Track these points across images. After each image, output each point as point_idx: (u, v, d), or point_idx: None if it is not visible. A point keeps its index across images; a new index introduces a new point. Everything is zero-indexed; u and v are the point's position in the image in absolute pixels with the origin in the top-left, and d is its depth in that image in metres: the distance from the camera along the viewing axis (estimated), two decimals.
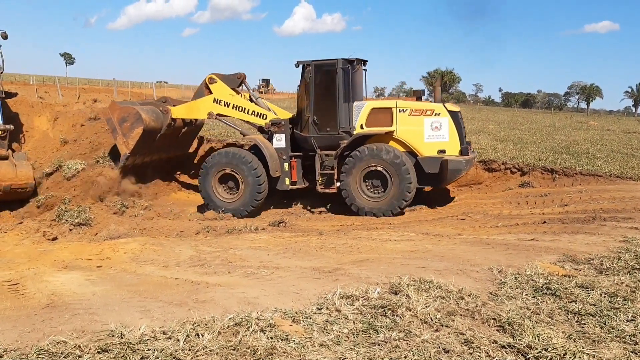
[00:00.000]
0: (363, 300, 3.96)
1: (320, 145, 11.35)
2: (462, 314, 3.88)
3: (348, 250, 6.63)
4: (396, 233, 7.94)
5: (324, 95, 11.43)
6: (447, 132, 11.21)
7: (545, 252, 5.96)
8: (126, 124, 11.62)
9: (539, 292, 4.39)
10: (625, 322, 3.80)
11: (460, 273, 4.94)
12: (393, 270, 4.99)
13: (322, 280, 4.68)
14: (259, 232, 9.12)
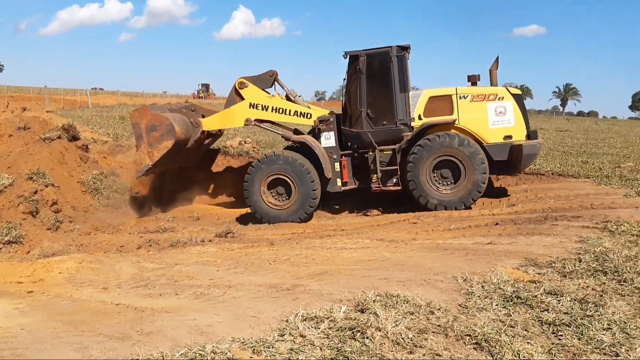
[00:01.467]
0: (329, 321, 3.63)
1: (377, 141, 10.48)
2: (435, 331, 3.62)
3: (303, 261, 6.28)
4: (350, 240, 7.66)
5: (377, 86, 10.58)
6: (512, 117, 10.57)
7: (505, 256, 5.83)
8: (155, 134, 10.56)
9: (509, 302, 4.20)
10: (602, 332, 3.64)
11: (424, 284, 4.70)
12: (355, 283, 4.68)
13: (281, 299, 4.31)
14: (206, 244, 8.61)
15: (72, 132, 12.64)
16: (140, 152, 10.70)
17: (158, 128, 10.53)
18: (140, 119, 10.65)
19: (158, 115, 10.73)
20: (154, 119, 10.62)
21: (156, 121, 10.60)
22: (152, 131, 10.53)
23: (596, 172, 12.82)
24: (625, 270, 5.04)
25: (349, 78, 10.95)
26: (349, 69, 10.87)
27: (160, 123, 10.58)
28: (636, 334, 3.67)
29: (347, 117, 11.02)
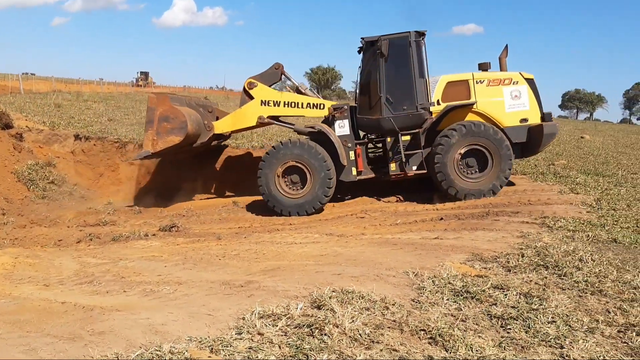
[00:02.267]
0: (286, 318, 3.62)
1: (399, 127, 10.42)
2: (390, 326, 3.67)
3: (254, 257, 6.22)
4: (300, 235, 7.66)
5: (397, 71, 10.48)
6: (527, 100, 10.78)
7: (452, 251, 5.99)
8: (166, 125, 10.23)
9: (459, 297, 4.32)
10: (547, 325, 3.81)
11: (377, 279, 4.76)
12: (309, 279, 4.69)
13: (235, 296, 4.26)
14: (150, 239, 8.39)
15: (4, 120, 12.04)
16: (145, 137, 10.39)
17: (171, 121, 10.29)
18: (157, 105, 10.36)
19: (176, 108, 10.43)
20: (170, 110, 10.36)
21: (171, 113, 10.34)
22: (165, 121, 10.27)
23: (532, 169, 13.37)
24: (565, 264, 5.29)
25: (365, 64, 10.86)
26: (365, 55, 10.79)
27: (175, 117, 10.30)
28: (578, 326, 3.86)
29: (364, 104, 10.94)
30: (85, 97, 26.60)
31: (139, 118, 18.11)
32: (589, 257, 5.56)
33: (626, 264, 5.50)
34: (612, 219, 7.70)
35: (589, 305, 4.36)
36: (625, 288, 4.75)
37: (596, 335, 3.76)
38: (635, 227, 7.26)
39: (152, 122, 10.29)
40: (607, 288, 4.72)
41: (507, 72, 11.01)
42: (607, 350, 3.53)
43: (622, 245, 6.32)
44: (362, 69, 10.99)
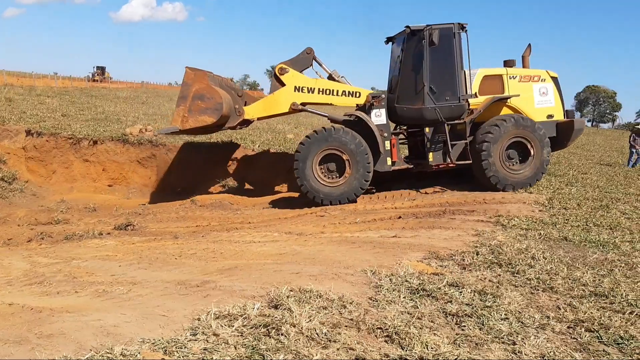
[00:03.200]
0: (242, 319, 3.57)
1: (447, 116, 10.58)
2: (347, 325, 3.68)
3: (211, 256, 6.14)
4: (259, 234, 7.61)
5: (440, 61, 10.60)
6: (552, 97, 11.32)
7: (409, 249, 6.05)
8: (200, 104, 9.96)
9: (416, 295, 4.37)
10: (501, 321, 3.89)
11: (335, 277, 4.76)
12: (267, 278, 4.65)
13: (191, 296, 4.18)
14: (104, 238, 8.21)
15: None
16: (176, 112, 10.07)
17: (206, 100, 9.99)
18: (194, 81, 10.11)
19: (213, 88, 10.14)
20: (207, 89, 10.07)
21: (207, 92, 10.04)
22: (199, 100, 9.98)
23: None
24: (517, 262, 5.42)
25: (407, 53, 10.81)
26: (407, 44, 10.77)
27: (211, 97, 10.03)
28: (529, 322, 3.96)
29: (403, 94, 10.88)
30: (38, 92, 25.75)
31: (94, 114, 17.66)
32: (541, 255, 5.72)
33: (576, 262, 5.67)
34: (563, 217, 7.94)
35: (540, 302, 4.48)
36: (574, 285, 4.90)
37: (547, 332, 3.86)
38: (585, 226, 7.50)
39: (185, 98, 10.02)
40: (558, 285, 4.86)
41: (536, 70, 11.53)
42: (557, 346, 3.63)
43: (572, 243, 6.52)
44: (403, 58, 10.90)
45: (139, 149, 13.13)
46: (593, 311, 4.25)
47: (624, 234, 7.15)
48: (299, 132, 17.94)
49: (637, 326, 4.05)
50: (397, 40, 11.44)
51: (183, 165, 13.19)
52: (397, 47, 11.38)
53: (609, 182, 12.59)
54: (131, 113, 18.86)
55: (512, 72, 11.26)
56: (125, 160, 13.10)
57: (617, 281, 5.06)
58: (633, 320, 4.14)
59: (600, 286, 4.88)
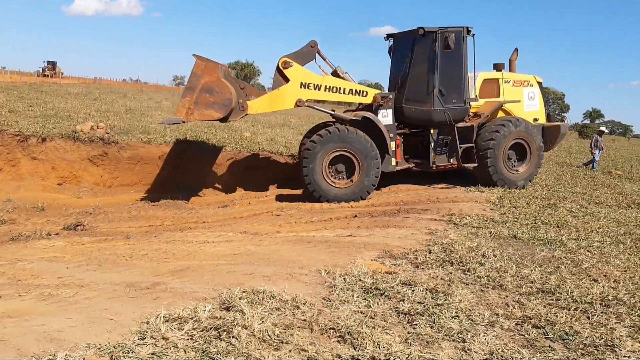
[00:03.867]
0: (193, 322, 3.50)
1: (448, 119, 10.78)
2: (300, 325, 3.66)
3: (163, 257, 6.01)
4: (213, 233, 7.50)
5: (450, 64, 10.75)
6: (538, 102, 12.07)
7: (364, 248, 6.08)
8: (208, 97, 9.51)
9: (369, 294, 4.39)
10: (451, 319, 3.95)
11: (290, 278, 4.74)
12: (220, 280, 4.58)
13: (140, 299, 4.08)
14: (53, 238, 7.92)
15: None
16: (180, 103, 9.56)
17: (215, 94, 9.62)
18: (204, 73, 9.65)
19: (223, 82, 9.71)
20: (217, 82, 9.68)
21: (217, 86, 9.65)
22: (207, 93, 9.59)
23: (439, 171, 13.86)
24: (468, 260, 5.52)
25: (419, 54, 10.92)
26: (419, 45, 10.85)
27: (220, 91, 9.60)
28: (479, 320, 4.04)
29: (412, 95, 10.93)
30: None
31: (43, 110, 17.02)
32: (491, 253, 5.85)
33: (524, 259, 5.83)
34: (513, 216, 8.15)
35: (490, 299, 4.57)
36: (523, 282, 5.03)
37: (496, 329, 3.94)
38: (533, 224, 7.72)
39: (193, 90, 9.60)
40: (507, 282, 4.98)
41: (526, 75, 12.16)
42: (505, 343, 3.71)
43: (521, 241, 6.70)
44: (414, 59, 10.99)
45: (90, 146, 12.73)
46: (540, 308, 4.37)
47: (570, 232, 7.39)
48: (256, 131, 17.82)
49: (582, 322, 4.18)
50: (403, 39, 11.52)
51: (136, 163, 12.89)
52: (403, 47, 11.45)
53: (556, 181, 13.03)
54: (82, 110, 18.28)
55: (506, 77, 11.83)
56: (75, 159, 12.67)
57: (563, 278, 5.22)
58: (578, 317, 4.28)
59: (547, 283, 5.02)
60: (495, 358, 3.46)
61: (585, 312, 4.38)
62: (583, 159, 20.55)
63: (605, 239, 7.18)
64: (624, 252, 6.58)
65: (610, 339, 3.87)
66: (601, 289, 4.97)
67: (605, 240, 7.08)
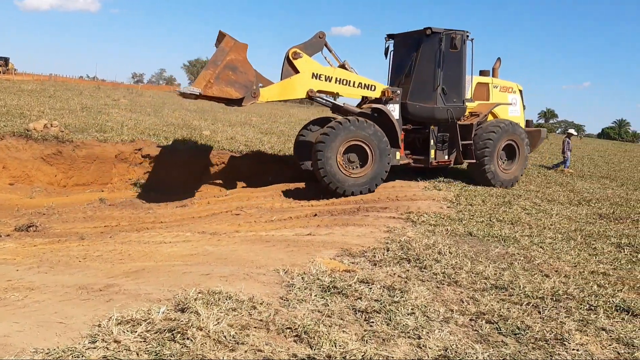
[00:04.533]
0: (146, 324, 3.44)
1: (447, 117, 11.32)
2: (256, 326, 3.64)
3: (118, 258, 5.88)
4: (170, 234, 7.38)
5: (452, 65, 11.34)
6: (519, 108, 13.06)
7: (323, 247, 6.09)
8: (230, 74, 9.43)
9: (327, 292, 4.39)
10: (407, 316, 4.00)
11: (247, 278, 4.70)
12: (175, 281, 4.51)
13: (93, 301, 3.98)
14: (3, 240, 7.64)
15: None
16: (201, 75, 9.29)
17: (238, 73, 9.58)
18: (231, 50, 9.59)
19: (249, 64, 9.81)
20: (243, 62, 9.69)
21: (242, 66, 9.65)
22: (231, 70, 9.51)
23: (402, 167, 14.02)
24: (425, 257, 5.60)
25: (423, 53, 11.36)
26: (425, 45, 11.32)
27: (244, 71, 9.67)
28: (434, 316, 4.10)
29: (416, 91, 11.38)
30: None
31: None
32: (447, 250, 5.95)
33: (479, 256, 5.95)
34: (469, 213, 8.31)
35: (445, 296, 4.65)
36: (477, 278, 5.14)
37: (450, 325, 4.01)
38: (488, 221, 7.89)
39: (216, 64, 9.44)
40: (462, 279, 5.07)
41: (510, 82, 13.05)
42: (459, 338, 3.78)
43: (476, 238, 6.83)
44: (419, 57, 11.43)
45: (44, 145, 12.33)
46: (493, 303, 4.48)
47: (523, 229, 7.59)
48: (216, 129, 17.64)
49: (533, 317, 4.31)
50: (407, 39, 11.91)
51: (92, 162, 12.57)
52: (407, 46, 11.87)
53: None
54: (36, 107, 17.72)
55: (495, 82, 12.71)
56: (28, 158, 12.26)
57: (516, 274, 5.36)
58: (529, 311, 4.40)
59: (500, 279, 5.14)
60: (450, 354, 3.52)
61: (537, 307, 4.51)
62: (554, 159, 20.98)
63: (557, 235, 7.40)
64: (574, 247, 6.80)
65: (560, 333, 4.00)
66: (552, 284, 5.13)
67: (557, 237, 7.30)
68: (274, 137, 17.61)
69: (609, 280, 5.49)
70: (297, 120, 29.62)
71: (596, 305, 4.63)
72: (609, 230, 8.07)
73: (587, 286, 5.18)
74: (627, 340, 3.99)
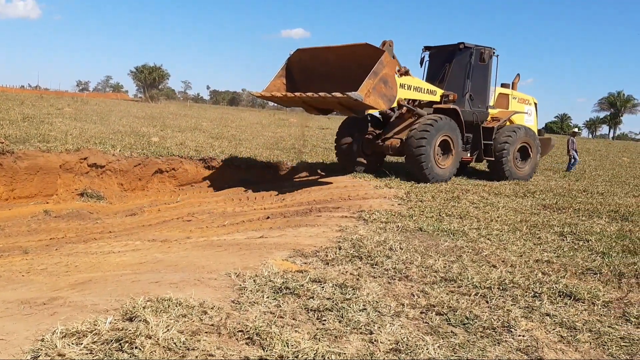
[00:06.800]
0: (92, 335, 3.34)
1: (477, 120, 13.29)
2: (208, 331, 3.59)
3: (64, 270, 5.70)
4: (119, 243, 7.21)
5: (479, 75, 13.27)
6: (533, 118, 15.08)
7: (275, 248, 6.07)
8: (382, 87, 10.51)
9: (279, 293, 4.38)
10: (359, 313, 4.03)
11: (198, 283, 4.64)
12: (123, 290, 4.40)
13: (36, 316, 3.83)
14: None
15: None
16: (364, 83, 10.18)
17: (388, 88, 10.66)
18: (386, 65, 10.63)
19: (395, 81, 10.99)
20: (393, 78, 10.85)
21: (391, 81, 10.77)
22: (383, 83, 10.55)
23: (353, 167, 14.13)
24: (376, 254, 5.67)
25: (455, 64, 13.28)
26: (457, 57, 13.26)
27: (392, 86, 10.80)
28: (386, 311, 4.15)
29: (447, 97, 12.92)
30: None
31: None
32: (398, 246, 6.04)
33: (429, 250, 6.07)
34: (419, 209, 8.46)
35: (396, 290, 4.72)
36: (427, 272, 5.23)
37: (402, 319, 4.07)
38: (438, 216, 8.05)
39: (375, 75, 10.37)
40: (413, 273, 5.16)
41: (527, 95, 15.10)
42: (410, 331, 3.84)
43: (426, 233, 6.96)
44: (452, 68, 13.32)
45: None
46: (443, 295, 4.57)
47: (472, 222, 7.78)
48: (165, 135, 17.35)
49: (481, 306, 4.42)
50: (442, 51, 13.71)
51: (35, 173, 12.11)
52: (442, 57, 13.65)
53: (459, 175, 13.69)
54: None
55: (514, 94, 14.66)
56: None
57: (464, 266, 5.49)
58: (477, 301, 4.52)
59: (450, 272, 5.26)
60: (401, 347, 3.57)
61: (485, 297, 4.63)
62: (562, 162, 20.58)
63: (503, 227, 7.63)
64: (520, 238, 7.02)
65: (507, 320, 4.12)
66: (499, 274, 5.28)
67: (504, 228, 7.52)
68: (225, 142, 17.45)
69: (553, 268, 5.70)
70: (247, 123, 29.48)
71: (540, 292, 4.80)
72: (552, 220, 8.38)
73: (532, 274, 5.35)
74: (570, 324, 4.15)
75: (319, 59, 11.94)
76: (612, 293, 4.98)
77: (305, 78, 12.10)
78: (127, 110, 31.40)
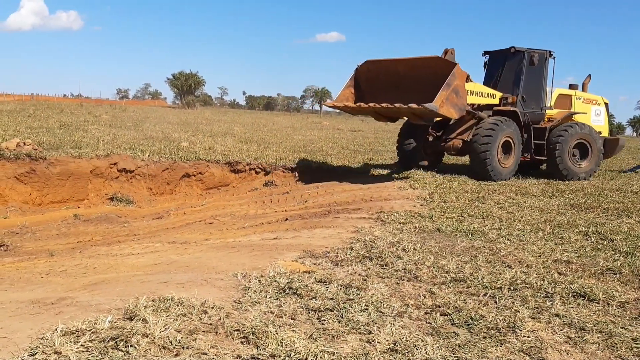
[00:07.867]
0: (90, 333, 3.40)
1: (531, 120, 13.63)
2: (205, 330, 3.61)
3: (81, 272, 5.84)
4: (140, 245, 7.34)
5: (533, 77, 13.57)
6: (603, 119, 15.11)
7: (287, 249, 6.07)
8: (454, 98, 11.06)
9: (282, 293, 4.38)
10: (360, 313, 3.99)
11: (204, 283, 4.68)
12: (130, 290, 4.48)
13: (42, 315, 3.94)
14: None
15: None
16: (439, 95, 10.77)
17: (459, 98, 11.21)
18: (458, 76, 11.18)
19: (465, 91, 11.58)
20: (463, 88, 11.39)
21: (462, 92, 11.35)
22: (454, 94, 11.09)
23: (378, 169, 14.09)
24: (388, 255, 5.60)
25: (507, 67, 13.80)
26: (509, 61, 13.78)
27: (462, 96, 11.37)
28: (388, 312, 4.09)
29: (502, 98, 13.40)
30: None
31: None
32: (412, 247, 5.95)
33: (444, 251, 5.96)
34: (441, 210, 8.33)
35: (403, 291, 4.65)
36: (438, 273, 5.14)
37: (404, 319, 4.01)
38: (459, 217, 7.91)
39: (448, 86, 10.91)
40: (423, 274, 5.08)
41: (595, 95, 15.13)
42: (411, 331, 3.77)
43: (444, 234, 6.85)
44: (504, 70, 13.87)
45: (17, 164, 12.25)
46: (450, 296, 4.48)
47: (493, 222, 7.62)
48: (195, 140, 17.62)
49: (489, 307, 4.32)
50: (496, 55, 14.29)
51: (66, 179, 12.49)
52: (497, 61, 14.20)
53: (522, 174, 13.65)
54: (12, 127, 17.62)
55: (578, 95, 14.73)
56: (1, 177, 12.18)
57: (478, 266, 5.38)
58: (485, 302, 4.41)
59: (461, 272, 5.15)
60: (398, 347, 3.51)
61: (494, 297, 4.52)
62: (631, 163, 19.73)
63: (525, 227, 7.44)
64: (541, 238, 6.84)
65: (513, 321, 4.01)
66: (513, 274, 5.15)
67: (526, 228, 7.34)
68: (253, 146, 17.61)
69: (571, 268, 5.52)
70: (279, 127, 29.67)
71: (553, 293, 4.66)
72: (578, 219, 8.13)
73: (547, 275, 5.20)
74: (579, 324, 4.01)
75: (388, 70, 12.59)
76: (630, 293, 4.79)
77: (372, 87, 12.79)
78: (163, 116, 32.06)
